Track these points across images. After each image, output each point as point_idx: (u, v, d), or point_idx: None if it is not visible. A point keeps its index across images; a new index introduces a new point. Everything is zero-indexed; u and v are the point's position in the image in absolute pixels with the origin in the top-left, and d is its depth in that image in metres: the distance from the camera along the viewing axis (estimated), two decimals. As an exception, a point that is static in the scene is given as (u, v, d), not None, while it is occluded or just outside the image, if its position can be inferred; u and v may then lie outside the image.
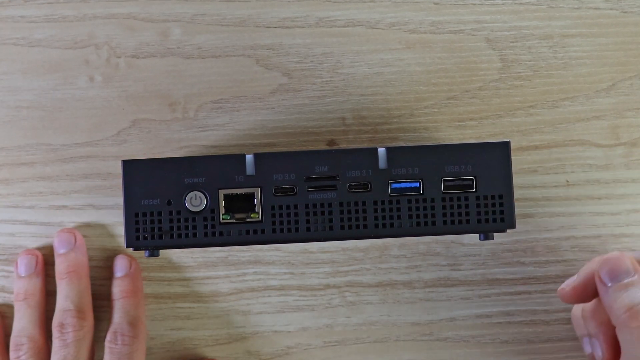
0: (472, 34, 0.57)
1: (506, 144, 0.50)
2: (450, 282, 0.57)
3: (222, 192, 0.50)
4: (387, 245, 0.57)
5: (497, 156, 0.50)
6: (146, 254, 0.50)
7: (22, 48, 0.56)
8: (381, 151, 0.50)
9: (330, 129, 0.56)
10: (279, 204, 0.50)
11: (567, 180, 0.57)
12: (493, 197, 0.50)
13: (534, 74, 0.57)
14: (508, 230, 0.50)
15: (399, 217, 0.49)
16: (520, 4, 0.57)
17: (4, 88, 0.56)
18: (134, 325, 0.54)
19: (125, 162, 0.50)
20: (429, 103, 0.57)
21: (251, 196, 0.50)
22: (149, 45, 0.56)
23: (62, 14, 0.56)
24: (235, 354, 0.57)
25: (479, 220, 0.49)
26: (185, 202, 0.49)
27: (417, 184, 0.50)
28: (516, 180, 0.53)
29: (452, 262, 0.57)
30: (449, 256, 0.57)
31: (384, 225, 0.49)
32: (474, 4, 0.57)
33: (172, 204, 0.49)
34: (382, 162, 0.50)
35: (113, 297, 0.55)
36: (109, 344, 0.53)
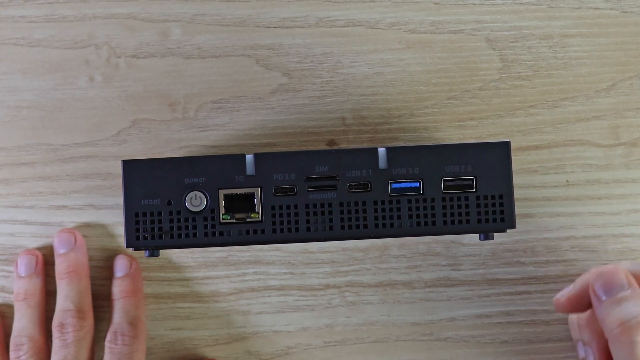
0: (472, 34, 0.57)
1: (506, 144, 0.50)
2: (450, 282, 0.57)
3: (222, 192, 0.50)
4: (387, 245, 0.57)
5: (497, 156, 0.50)
6: (146, 254, 0.50)
7: (22, 48, 0.56)
8: (381, 151, 0.50)
9: (330, 129, 0.56)
10: (279, 204, 0.50)
11: (567, 180, 0.57)
12: (493, 197, 0.50)
13: (534, 74, 0.57)
14: (508, 230, 0.50)
15: (399, 217, 0.49)
16: (520, 4, 0.57)
17: (4, 88, 0.56)
18: (134, 325, 0.54)
19: (125, 162, 0.50)
20: (429, 103, 0.57)
21: (251, 196, 0.50)
22: (149, 45, 0.56)
23: (62, 14, 0.56)
24: (235, 354, 0.57)
25: (479, 220, 0.49)
26: (185, 202, 0.49)
27: (417, 184, 0.50)
28: (516, 180, 0.53)
29: (452, 262, 0.57)
30: (449, 256, 0.57)
31: (384, 225, 0.49)
32: (474, 4, 0.57)
33: (172, 204, 0.49)
34: (382, 162, 0.50)
35: (113, 297, 0.55)
36: (109, 344, 0.53)
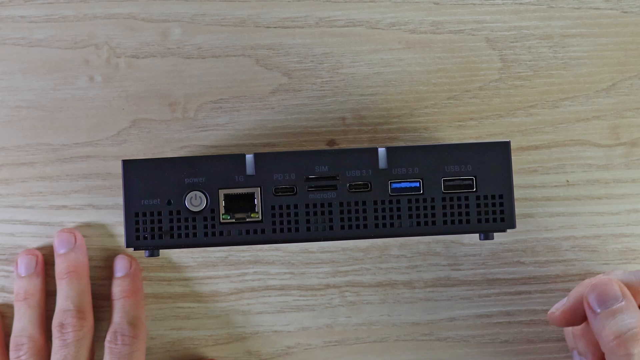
0: (472, 34, 0.57)
1: (506, 144, 0.50)
2: (451, 282, 0.57)
3: (222, 192, 0.50)
4: (387, 245, 0.57)
5: (497, 156, 0.50)
6: (146, 254, 0.50)
7: (22, 48, 0.56)
8: (381, 151, 0.50)
9: (330, 129, 0.56)
10: (279, 204, 0.50)
11: (567, 180, 0.57)
12: (493, 197, 0.50)
13: (534, 74, 0.57)
14: (508, 230, 0.50)
15: (399, 217, 0.49)
16: (520, 4, 0.57)
17: (4, 88, 0.56)
18: (134, 325, 0.54)
19: (125, 162, 0.50)
20: (429, 103, 0.57)
21: (251, 196, 0.50)
22: (149, 45, 0.56)
23: (62, 14, 0.56)
24: (235, 354, 0.57)
25: (479, 220, 0.49)
26: (185, 202, 0.49)
27: (417, 184, 0.50)
28: (516, 180, 0.53)
29: (452, 262, 0.57)
30: (449, 256, 0.57)
31: (384, 225, 0.49)
32: (474, 4, 0.57)
33: (172, 204, 0.49)
34: (382, 162, 0.50)
35: (113, 297, 0.55)
36: (109, 344, 0.53)
